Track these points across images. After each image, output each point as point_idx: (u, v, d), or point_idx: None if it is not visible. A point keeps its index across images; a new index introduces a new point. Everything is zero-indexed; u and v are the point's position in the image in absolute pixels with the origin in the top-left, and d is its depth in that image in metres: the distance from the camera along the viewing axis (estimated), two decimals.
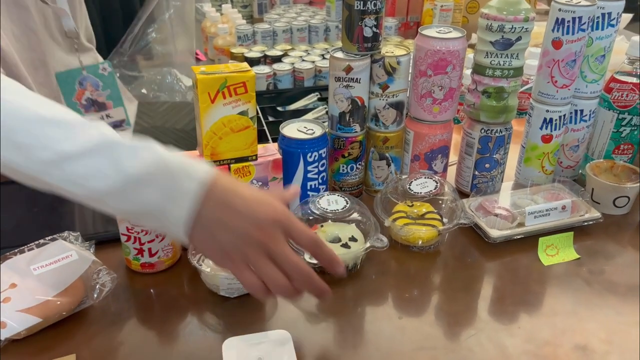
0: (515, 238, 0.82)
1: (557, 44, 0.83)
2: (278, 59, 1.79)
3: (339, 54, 0.83)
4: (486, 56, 0.82)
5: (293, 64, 1.75)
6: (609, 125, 0.92)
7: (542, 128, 0.89)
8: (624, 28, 1.70)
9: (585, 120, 0.92)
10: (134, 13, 1.75)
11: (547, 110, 0.88)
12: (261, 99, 1.62)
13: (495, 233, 0.81)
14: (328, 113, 0.88)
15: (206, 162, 0.61)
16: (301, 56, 1.81)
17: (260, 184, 0.80)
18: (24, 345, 0.64)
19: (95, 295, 0.68)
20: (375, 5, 0.79)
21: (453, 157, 0.96)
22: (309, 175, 0.83)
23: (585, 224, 0.85)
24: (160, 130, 1.47)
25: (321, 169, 0.83)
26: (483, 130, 0.87)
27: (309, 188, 0.84)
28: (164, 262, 0.75)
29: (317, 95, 1.66)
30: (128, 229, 0.72)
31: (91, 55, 1.14)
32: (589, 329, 0.68)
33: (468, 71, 0.89)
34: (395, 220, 0.80)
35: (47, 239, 0.72)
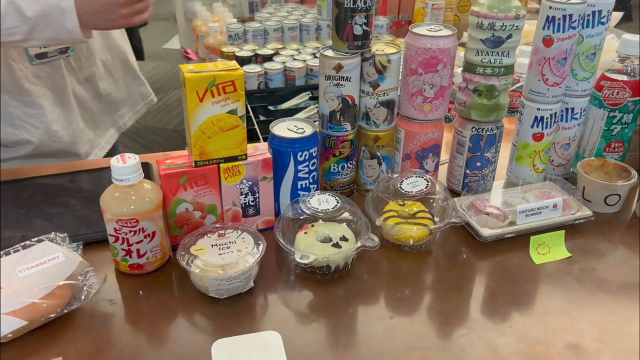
0: (506, 237, 0.82)
1: (548, 42, 0.83)
2: (269, 58, 1.78)
3: (329, 52, 0.82)
4: (477, 54, 0.82)
5: (284, 62, 1.74)
6: (599, 123, 0.92)
7: (533, 126, 0.89)
8: (615, 27, 1.70)
9: (576, 118, 0.92)
10: None
11: (538, 109, 0.87)
12: (252, 98, 1.61)
13: (486, 232, 0.81)
14: (319, 112, 0.87)
15: None
16: (292, 55, 1.81)
17: (250, 183, 0.79)
18: (10, 348, 0.64)
19: (82, 297, 0.67)
20: (365, 3, 0.78)
21: (444, 156, 0.96)
22: (300, 174, 0.82)
23: (577, 222, 0.85)
24: (152, 130, 1.46)
25: (312, 168, 0.83)
26: (474, 129, 0.87)
27: (299, 187, 0.83)
28: (152, 263, 0.75)
29: (309, 94, 1.65)
30: (116, 230, 0.71)
31: None
32: (581, 327, 0.68)
33: (459, 69, 0.88)
34: (386, 219, 0.79)
35: (34, 240, 0.71)
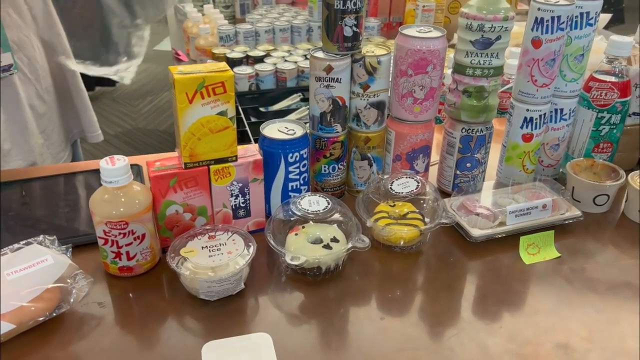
0: (496, 237, 0.82)
1: (537, 43, 0.83)
2: (260, 60, 1.78)
3: (320, 54, 0.82)
4: (466, 55, 0.82)
5: (275, 64, 1.74)
6: (588, 124, 0.93)
7: (523, 127, 0.89)
8: (607, 29, 1.72)
9: (565, 119, 0.93)
10: None
11: (528, 110, 0.88)
12: (243, 100, 1.61)
13: (476, 232, 0.81)
14: (309, 113, 0.87)
15: None
16: (284, 56, 1.80)
17: (240, 185, 0.79)
18: None
19: (72, 300, 0.67)
20: (355, 4, 0.78)
21: (434, 157, 0.96)
22: (290, 176, 0.82)
23: (566, 222, 0.85)
24: (143, 132, 1.45)
25: (302, 169, 0.83)
26: (464, 130, 0.87)
27: (290, 189, 0.83)
28: (142, 266, 0.74)
29: (300, 95, 1.65)
30: (105, 232, 0.70)
31: None
32: (570, 327, 0.69)
33: (449, 71, 0.88)
34: (377, 220, 0.79)
35: (22, 243, 0.70)
